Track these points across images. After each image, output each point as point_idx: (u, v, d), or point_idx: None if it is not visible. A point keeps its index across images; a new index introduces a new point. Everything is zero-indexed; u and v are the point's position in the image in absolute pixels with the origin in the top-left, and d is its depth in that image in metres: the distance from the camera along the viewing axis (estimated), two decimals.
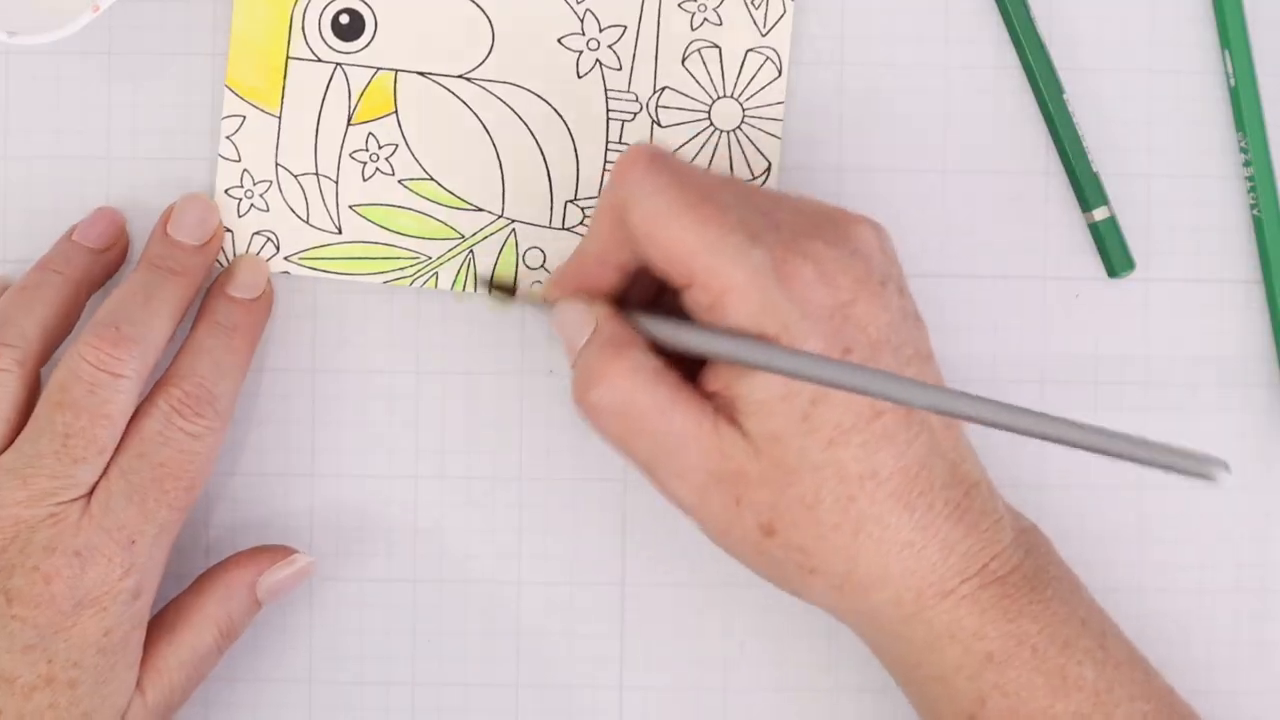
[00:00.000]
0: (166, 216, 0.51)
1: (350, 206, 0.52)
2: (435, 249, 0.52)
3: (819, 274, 0.43)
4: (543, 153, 0.52)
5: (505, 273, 0.52)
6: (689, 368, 0.46)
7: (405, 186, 0.52)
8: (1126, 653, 0.46)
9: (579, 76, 0.52)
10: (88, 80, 0.52)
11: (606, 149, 0.52)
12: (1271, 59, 0.52)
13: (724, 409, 0.45)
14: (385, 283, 0.52)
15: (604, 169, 0.52)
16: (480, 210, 0.52)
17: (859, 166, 0.52)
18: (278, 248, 0.52)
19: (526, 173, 0.52)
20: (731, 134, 0.52)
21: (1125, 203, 0.52)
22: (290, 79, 0.52)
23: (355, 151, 0.52)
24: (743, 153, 0.52)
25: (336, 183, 0.52)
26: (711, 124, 0.52)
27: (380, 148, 0.52)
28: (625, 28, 0.52)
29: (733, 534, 0.45)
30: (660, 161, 0.45)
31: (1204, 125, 0.52)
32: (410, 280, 0.52)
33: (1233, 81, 0.52)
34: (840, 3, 0.52)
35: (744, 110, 0.52)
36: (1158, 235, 0.52)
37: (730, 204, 0.44)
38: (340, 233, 0.52)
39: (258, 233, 0.52)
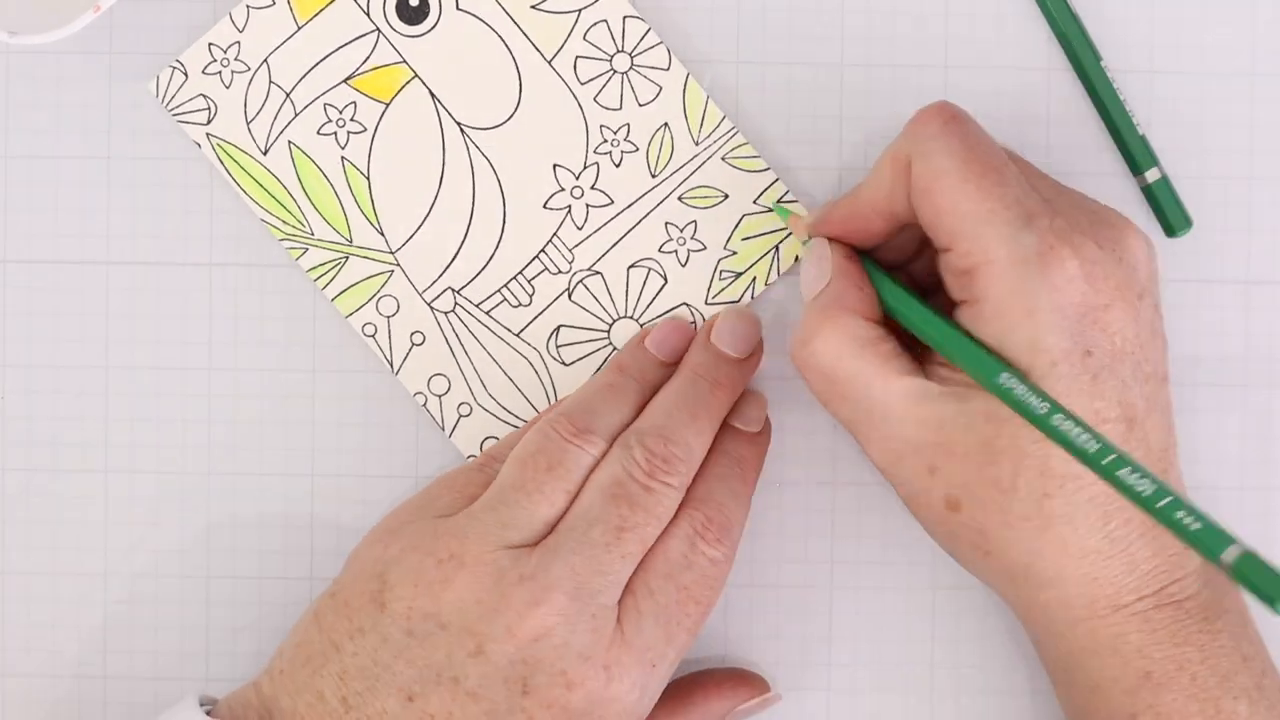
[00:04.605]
0: (709, 326, 0.51)
1: (290, 141, 0.52)
2: (322, 230, 0.52)
3: (1083, 272, 0.44)
4: (501, 233, 0.52)
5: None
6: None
7: (345, 162, 0.52)
8: None
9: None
10: (88, 80, 0.52)
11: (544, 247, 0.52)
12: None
13: (948, 379, 0.45)
14: (261, 220, 0.52)
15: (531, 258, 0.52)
16: (382, 236, 0.52)
17: (863, 169, 0.52)
18: (212, 116, 0.52)
19: (450, 240, 0.52)
20: None
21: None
22: (333, 7, 0.52)
23: (330, 103, 0.52)
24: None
25: (295, 109, 0.52)
26: None
27: (350, 120, 0.52)
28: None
29: (919, 501, 0.46)
30: (957, 123, 0.45)
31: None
32: (282, 236, 0.52)
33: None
34: (841, 3, 0.52)
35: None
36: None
37: (1013, 182, 0.45)
38: (265, 154, 0.52)
39: (202, 94, 0.52)
